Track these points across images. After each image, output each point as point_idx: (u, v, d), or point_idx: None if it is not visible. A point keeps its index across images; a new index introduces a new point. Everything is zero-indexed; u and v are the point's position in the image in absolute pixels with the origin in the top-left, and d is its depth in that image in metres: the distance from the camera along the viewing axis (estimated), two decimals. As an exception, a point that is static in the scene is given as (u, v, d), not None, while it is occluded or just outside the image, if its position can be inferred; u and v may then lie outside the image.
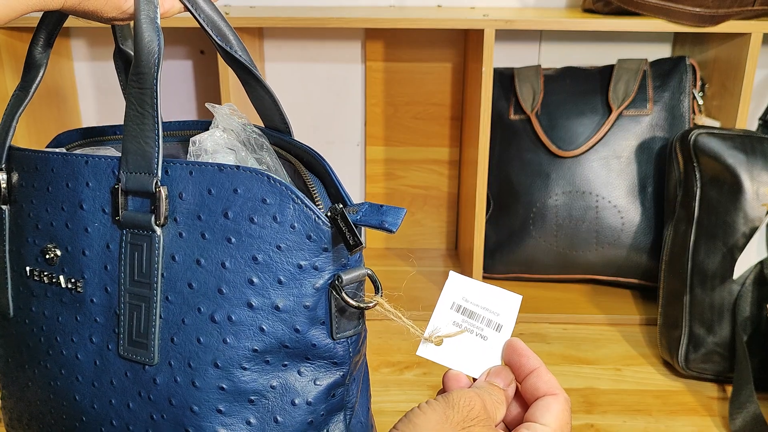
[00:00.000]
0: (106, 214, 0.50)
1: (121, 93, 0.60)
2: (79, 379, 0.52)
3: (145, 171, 0.48)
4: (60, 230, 0.52)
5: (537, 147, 1.04)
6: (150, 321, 0.48)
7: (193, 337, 0.47)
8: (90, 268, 0.51)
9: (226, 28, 0.49)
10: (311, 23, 0.93)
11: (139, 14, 0.46)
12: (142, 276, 0.49)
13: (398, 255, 1.21)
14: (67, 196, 0.51)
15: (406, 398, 0.81)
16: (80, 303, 0.51)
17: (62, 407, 0.54)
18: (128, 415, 0.50)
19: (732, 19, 0.91)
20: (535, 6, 1.12)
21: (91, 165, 0.50)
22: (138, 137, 0.47)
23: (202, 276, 0.47)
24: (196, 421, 0.48)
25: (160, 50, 0.46)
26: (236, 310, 0.47)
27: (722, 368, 0.84)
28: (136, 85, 0.47)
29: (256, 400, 0.48)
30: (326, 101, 1.18)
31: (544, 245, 1.04)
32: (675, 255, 0.89)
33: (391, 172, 1.21)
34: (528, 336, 0.96)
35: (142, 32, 0.46)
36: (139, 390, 0.49)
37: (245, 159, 0.51)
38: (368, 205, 0.46)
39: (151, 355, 0.49)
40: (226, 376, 0.47)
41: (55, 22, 0.53)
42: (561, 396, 0.45)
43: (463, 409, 0.43)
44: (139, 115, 0.47)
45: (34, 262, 0.53)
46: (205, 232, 0.47)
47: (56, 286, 0.52)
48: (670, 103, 1.02)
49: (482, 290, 0.50)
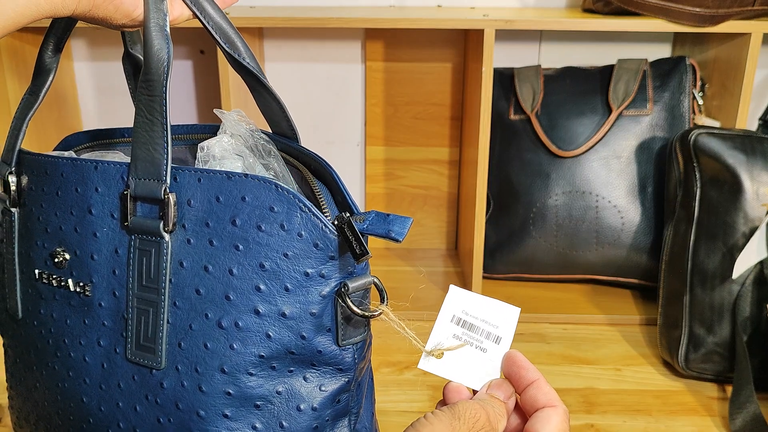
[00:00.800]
0: (115, 219, 0.50)
1: (121, 93, 0.60)
2: (87, 382, 0.52)
3: (154, 178, 0.48)
4: (69, 234, 0.52)
5: (537, 147, 1.04)
6: (158, 326, 0.49)
7: (200, 342, 0.48)
8: (98, 273, 0.51)
9: (234, 34, 0.50)
10: (311, 23, 0.93)
11: (149, 22, 0.46)
12: (150, 281, 0.49)
13: (398, 255, 1.21)
14: (77, 201, 0.52)
15: (406, 398, 0.81)
16: (88, 306, 0.52)
17: (69, 408, 0.54)
18: (135, 418, 0.50)
19: (732, 19, 0.91)
20: (535, 6, 1.12)
21: (101, 170, 0.51)
22: (147, 144, 0.48)
23: (209, 282, 0.47)
24: (203, 426, 0.48)
25: (169, 58, 0.46)
26: (243, 316, 0.47)
27: (722, 368, 0.84)
28: (145, 92, 0.47)
29: (262, 405, 0.48)
30: (326, 101, 1.18)
31: (544, 245, 1.05)
32: (675, 255, 0.89)
33: (391, 172, 1.21)
34: (528, 336, 0.96)
35: (152, 40, 0.46)
36: (146, 393, 0.50)
37: (253, 165, 0.52)
38: (375, 214, 0.46)
39: (159, 360, 0.49)
40: (232, 382, 0.47)
41: (65, 27, 0.53)
42: (560, 408, 0.46)
43: (469, 421, 0.44)
44: (148, 122, 0.47)
45: (43, 265, 0.54)
46: (213, 239, 0.47)
47: (65, 290, 0.53)
48: (670, 103, 1.02)
49: (481, 303, 0.50)
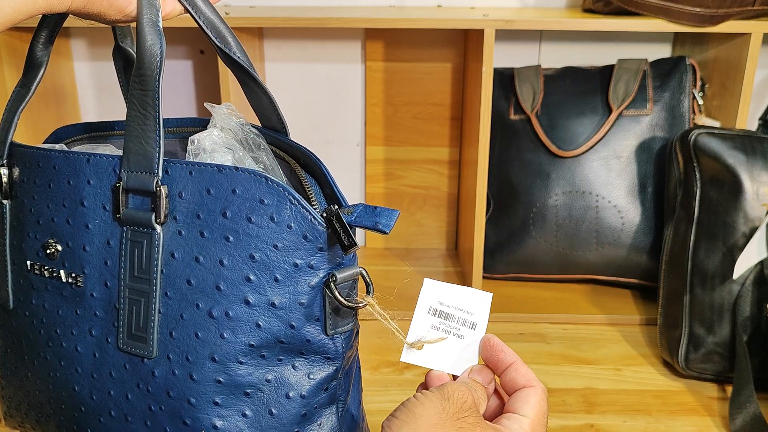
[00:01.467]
0: (107, 211, 0.51)
1: (121, 93, 0.60)
2: (79, 371, 0.53)
3: (146, 170, 0.49)
4: (61, 226, 0.53)
5: (537, 147, 1.04)
6: (149, 316, 0.50)
7: (191, 331, 0.49)
8: (90, 264, 0.52)
9: (225, 29, 0.50)
10: (311, 23, 0.93)
11: (142, 17, 0.47)
12: (142, 272, 0.50)
13: (398, 255, 1.21)
14: (69, 193, 0.52)
15: (406, 398, 0.81)
16: (80, 297, 0.53)
17: (61, 397, 0.55)
18: (126, 406, 0.51)
19: (732, 19, 0.91)
20: (535, 6, 1.12)
21: (93, 163, 0.51)
22: (140, 137, 0.48)
23: (200, 273, 0.48)
24: (194, 413, 0.49)
25: (161, 53, 0.47)
26: (233, 306, 0.48)
27: (722, 368, 0.84)
28: (138, 87, 0.48)
29: (251, 393, 0.49)
30: (326, 101, 1.18)
31: (544, 245, 1.04)
32: (675, 255, 0.89)
33: (391, 172, 1.21)
34: (528, 336, 0.96)
35: (144, 35, 0.47)
36: (138, 382, 0.51)
37: (243, 158, 0.52)
38: (363, 206, 0.47)
39: (150, 349, 0.50)
40: (223, 370, 0.48)
41: (56, 20, 0.54)
42: (538, 387, 0.48)
43: (458, 401, 0.46)
44: (141, 116, 0.48)
45: (35, 256, 0.55)
46: (204, 231, 0.48)
47: (56, 280, 0.54)
48: (670, 103, 1.02)
49: (455, 292, 0.52)
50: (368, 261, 1.18)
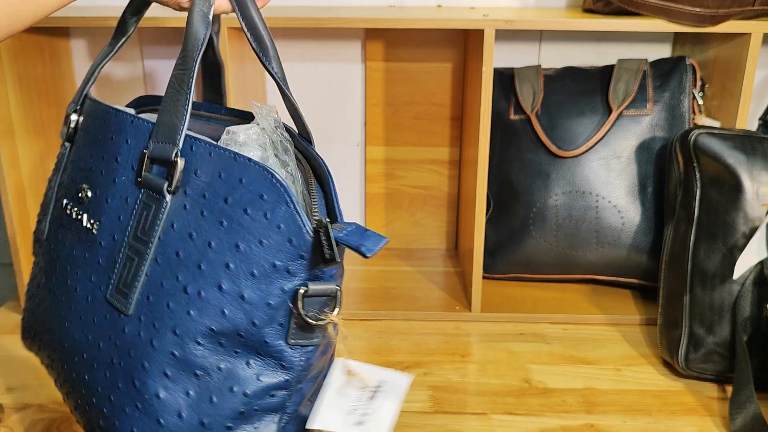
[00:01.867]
0: (133, 171, 0.55)
1: (121, 93, 0.62)
2: (72, 309, 0.57)
3: (169, 141, 0.52)
4: (96, 175, 0.57)
5: (537, 147, 1.04)
6: (137, 275, 0.53)
7: (165, 300, 0.51)
8: (107, 215, 0.56)
9: (267, 38, 0.54)
10: (311, 23, 0.93)
11: (194, 7, 0.53)
12: (144, 233, 0.53)
13: (398, 255, 1.21)
14: (109, 147, 0.57)
15: (406, 398, 0.81)
16: (92, 243, 0.56)
17: (56, 330, 0.59)
18: (97, 354, 0.54)
19: (732, 19, 0.91)
20: (535, 6, 1.12)
21: (135, 125, 0.56)
22: (171, 112, 0.52)
23: (189, 248, 0.51)
24: (144, 377, 0.51)
25: (204, 38, 0.52)
26: (207, 288, 0.50)
27: (722, 368, 0.84)
28: (180, 67, 0.52)
29: (201, 375, 0.51)
30: (326, 101, 1.18)
31: (544, 245, 1.04)
32: (675, 255, 0.89)
33: (391, 172, 1.21)
34: (528, 336, 0.96)
35: (193, 22, 0.52)
36: (110, 334, 0.54)
37: (267, 158, 0.55)
38: (356, 226, 0.49)
39: (129, 306, 0.53)
40: (180, 345, 0.51)
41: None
42: None
43: None
44: (176, 92, 0.52)
45: (71, 197, 0.60)
46: (204, 210, 0.51)
47: (80, 223, 0.58)
48: (670, 103, 1.02)
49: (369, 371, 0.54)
50: (368, 261, 1.18)
